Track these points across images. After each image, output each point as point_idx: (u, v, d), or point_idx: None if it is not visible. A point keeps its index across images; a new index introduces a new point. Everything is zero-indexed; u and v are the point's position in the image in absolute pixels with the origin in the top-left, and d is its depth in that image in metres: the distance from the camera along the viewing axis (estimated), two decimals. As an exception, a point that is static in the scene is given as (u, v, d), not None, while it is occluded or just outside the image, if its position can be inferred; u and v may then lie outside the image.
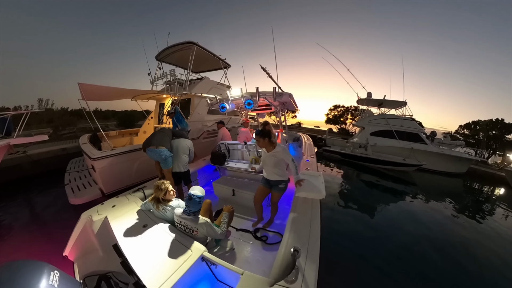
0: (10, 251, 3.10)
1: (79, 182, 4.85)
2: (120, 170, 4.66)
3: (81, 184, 4.76)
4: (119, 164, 4.62)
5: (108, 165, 4.45)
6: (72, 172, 5.47)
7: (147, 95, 7.29)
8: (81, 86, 4.10)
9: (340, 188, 7.22)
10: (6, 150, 4.64)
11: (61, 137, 9.17)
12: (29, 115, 4.67)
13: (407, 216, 5.26)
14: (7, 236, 3.50)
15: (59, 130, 11.72)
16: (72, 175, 5.30)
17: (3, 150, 4.51)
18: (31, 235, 3.53)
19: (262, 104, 5.07)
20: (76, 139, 8.13)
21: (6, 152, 4.68)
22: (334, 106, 27.17)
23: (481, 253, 3.90)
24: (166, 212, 2.25)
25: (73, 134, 10.34)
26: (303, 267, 1.52)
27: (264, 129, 2.60)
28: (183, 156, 3.51)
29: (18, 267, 1.20)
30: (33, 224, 3.95)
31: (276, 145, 2.68)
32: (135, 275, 1.51)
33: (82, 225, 2.26)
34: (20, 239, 3.41)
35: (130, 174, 4.91)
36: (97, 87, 4.58)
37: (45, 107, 17.45)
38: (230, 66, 9.64)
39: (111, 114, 24.64)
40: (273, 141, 2.64)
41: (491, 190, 9.49)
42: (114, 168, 4.54)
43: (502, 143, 15.78)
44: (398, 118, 12.95)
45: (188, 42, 7.22)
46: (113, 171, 4.54)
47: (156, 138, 3.45)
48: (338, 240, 3.80)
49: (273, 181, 2.82)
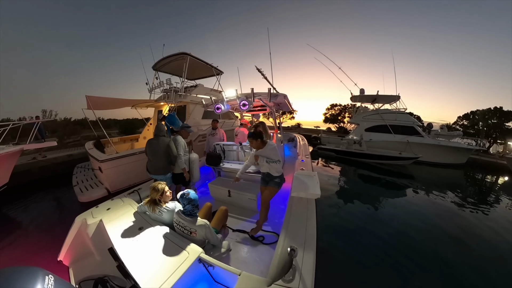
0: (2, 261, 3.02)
1: (86, 184, 5.41)
2: (124, 171, 5.17)
3: (88, 185, 5.34)
4: (123, 165, 5.15)
5: (113, 167, 5.01)
6: (79, 172, 6.21)
7: (145, 103, 8.00)
8: (88, 98, 4.70)
9: (336, 185, 7.30)
10: (19, 155, 5.22)
11: (66, 145, 9.71)
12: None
13: (404, 210, 5.35)
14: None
15: (64, 139, 12.17)
16: (80, 177, 5.91)
17: (16, 155, 5.06)
18: (26, 241, 3.47)
19: (257, 105, 5.09)
20: (80, 146, 9.04)
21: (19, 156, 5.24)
22: (331, 105, 27.45)
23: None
24: (163, 215, 2.23)
25: (77, 142, 10.96)
26: (300, 266, 1.54)
27: (255, 130, 2.67)
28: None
29: (10, 273, 1.17)
30: (27, 229, 3.89)
31: (266, 143, 2.72)
32: (131, 279, 1.49)
33: (77, 228, 2.23)
34: (12, 246, 3.34)
35: (133, 175, 5.28)
36: (102, 98, 5.32)
37: (49, 117, 18.32)
38: (222, 73, 10.26)
39: (113, 122, 26.33)
40: (265, 141, 2.72)
41: (493, 179, 9.53)
42: (118, 169, 5.09)
43: (503, 131, 15.51)
44: (392, 112, 13.07)
45: (181, 53, 7.79)
46: (118, 171, 5.09)
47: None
48: (335, 237, 3.85)
49: (266, 174, 2.84)
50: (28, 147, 5.19)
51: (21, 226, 3.99)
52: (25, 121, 5.61)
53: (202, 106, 5.04)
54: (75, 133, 15.14)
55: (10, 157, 4.81)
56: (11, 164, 5.02)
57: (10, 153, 4.67)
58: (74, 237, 2.21)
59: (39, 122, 6.04)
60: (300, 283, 1.40)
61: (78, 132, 15.65)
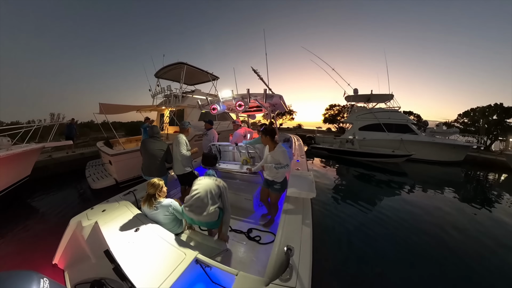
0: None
1: (98, 175, 6.46)
2: (130, 164, 5.95)
3: (99, 176, 6.42)
4: (129, 159, 5.95)
5: (121, 160, 5.85)
6: (91, 167, 7.31)
7: (149, 108, 9.35)
8: (101, 105, 5.61)
9: (331, 184, 7.30)
10: (40, 152, 6.08)
11: (77, 145, 10.63)
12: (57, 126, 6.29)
13: (397, 207, 5.39)
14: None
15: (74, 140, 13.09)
16: (91, 170, 6.94)
17: (38, 152, 5.84)
18: (21, 244, 3.42)
19: (252, 106, 5.10)
20: (89, 147, 10.50)
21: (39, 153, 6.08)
22: (330, 105, 27.49)
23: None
24: (158, 209, 2.25)
25: (86, 143, 12.04)
26: (297, 265, 1.55)
27: (268, 126, 2.91)
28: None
29: (5, 278, 1.16)
30: (21, 232, 3.83)
31: (277, 146, 2.84)
32: (128, 281, 1.48)
33: (72, 231, 2.20)
34: (7, 249, 3.28)
35: (137, 167, 5.84)
36: (112, 105, 6.33)
37: (57, 120, 19.37)
38: (218, 78, 11.37)
39: (118, 125, 27.35)
40: (274, 141, 2.87)
41: (490, 176, 9.49)
42: (125, 162, 5.91)
43: (504, 128, 15.07)
44: (385, 111, 13.16)
45: (179, 62, 9.01)
46: (125, 164, 5.91)
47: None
48: (332, 235, 3.89)
49: (270, 180, 2.97)
50: (48, 145, 5.98)
51: (14, 229, 3.91)
52: (60, 122, 7.18)
53: (198, 107, 5.07)
54: (84, 134, 16.19)
55: (33, 153, 5.51)
56: (33, 159, 5.78)
57: (33, 149, 5.32)
58: (69, 240, 2.18)
59: (73, 123, 9.07)
60: (297, 282, 1.41)
61: (87, 134, 16.78)
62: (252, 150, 3.87)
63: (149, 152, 3.36)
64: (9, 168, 4.89)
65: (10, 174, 5.02)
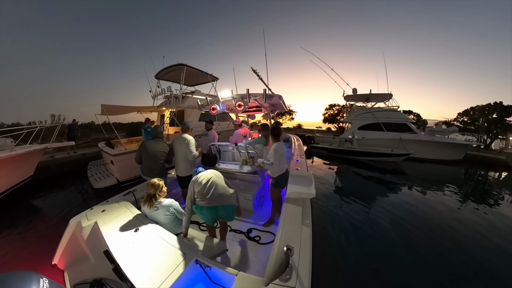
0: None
1: (100, 175, 6.52)
2: (132, 164, 5.89)
3: (101, 176, 6.46)
4: (131, 159, 5.75)
5: (123, 160, 5.90)
6: (92, 167, 7.34)
7: (150, 109, 9.48)
8: (103, 106, 5.73)
9: (331, 184, 7.32)
10: (43, 153, 6.05)
11: (78, 146, 10.63)
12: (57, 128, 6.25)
13: (394, 205, 5.42)
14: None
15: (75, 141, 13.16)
16: (93, 171, 6.99)
17: (41, 152, 5.82)
18: (21, 245, 3.41)
19: (252, 106, 5.10)
20: (90, 147, 10.53)
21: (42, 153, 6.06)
22: (330, 105, 27.45)
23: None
24: (158, 209, 2.25)
25: (88, 144, 11.99)
26: (297, 265, 1.55)
27: (273, 125, 3.09)
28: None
29: (4, 278, 1.16)
30: (22, 232, 3.83)
31: (274, 144, 2.98)
32: (128, 282, 1.48)
33: (71, 231, 2.20)
34: (6, 249, 3.28)
35: (138, 167, 5.66)
36: (114, 106, 6.40)
37: (58, 121, 19.06)
38: (217, 79, 11.45)
39: (118, 126, 27.31)
40: (274, 139, 3.03)
41: (489, 174, 9.52)
42: (127, 162, 5.91)
43: (503, 127, 15.05)
44: (384, 110, 13.18)
45: (179, 64, 9.04)
46: (127, 164, 5.93)
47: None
48: (332, 235, 3.90)
49: (270, 176, 3.14)
50: (51, 145, 5.92)
51: (15, 229, 3.91)
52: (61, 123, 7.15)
53: (197, 107, 5.07)
54: (85, 135, 16.18)
55: (36, 153, 5.52)
56: (36, 160, 5.83)
57: (36, 150, 5.32)
58: (69, 240, 2.18)
59: (75, 124, 8.90)
60: (297, 282, 1.41)
61: (87, 134, 16.85)
62: (252, 150, 3.87)
63: (151, 153, 3.33)
64: (13, 169, 4.91)
65: (13, 174, 5.05)
